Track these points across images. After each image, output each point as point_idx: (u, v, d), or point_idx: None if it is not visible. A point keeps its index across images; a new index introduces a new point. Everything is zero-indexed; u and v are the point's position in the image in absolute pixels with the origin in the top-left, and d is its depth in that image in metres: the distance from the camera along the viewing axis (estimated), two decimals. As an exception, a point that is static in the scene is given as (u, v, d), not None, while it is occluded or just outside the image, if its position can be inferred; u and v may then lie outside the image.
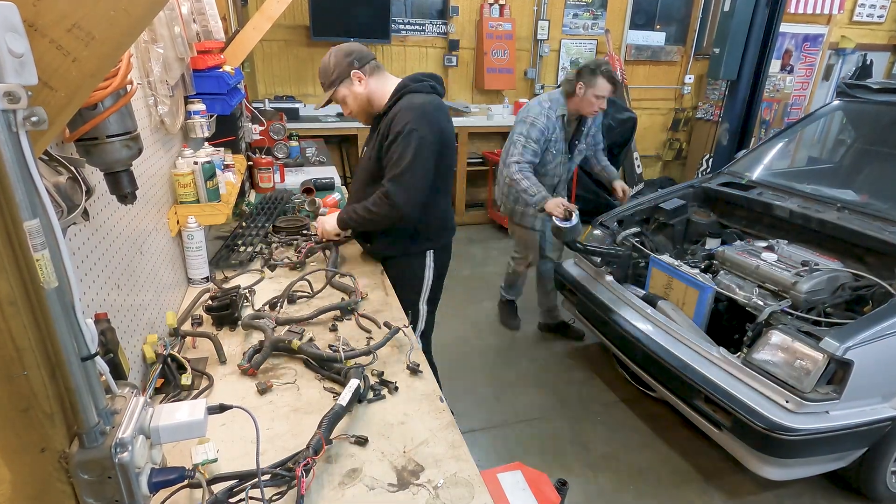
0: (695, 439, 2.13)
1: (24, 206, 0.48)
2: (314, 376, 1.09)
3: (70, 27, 0.52)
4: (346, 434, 0.91)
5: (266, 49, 4.02)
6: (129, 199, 0.81)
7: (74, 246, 0.78)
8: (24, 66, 0.48)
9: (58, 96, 0.54)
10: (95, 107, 0.68)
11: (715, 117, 5.00)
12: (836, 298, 1.87)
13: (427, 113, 1.44)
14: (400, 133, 1.41)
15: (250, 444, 0.88)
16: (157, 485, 0.61)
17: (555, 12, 4.74)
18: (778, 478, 1.71)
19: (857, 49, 5.79)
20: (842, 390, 1.56)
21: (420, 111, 1.43)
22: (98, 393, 0.56)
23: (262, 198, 2.19)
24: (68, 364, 0.53)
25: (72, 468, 0.55)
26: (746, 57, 3.96)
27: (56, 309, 0.51)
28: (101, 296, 0.87)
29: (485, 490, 0.82)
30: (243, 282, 1.48)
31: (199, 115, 1.53)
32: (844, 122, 2.97)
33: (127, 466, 0.56)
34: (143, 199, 1.13)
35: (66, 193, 0.66)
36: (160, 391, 1.00)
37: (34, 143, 0.51)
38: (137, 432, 0.58)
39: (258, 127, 2.41)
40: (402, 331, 1.22)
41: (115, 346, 0.82)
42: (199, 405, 0.66)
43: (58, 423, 0.54)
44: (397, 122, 1.43)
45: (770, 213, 2.38)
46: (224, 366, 1.11)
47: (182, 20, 1.32)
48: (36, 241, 0.49)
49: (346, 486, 0.82)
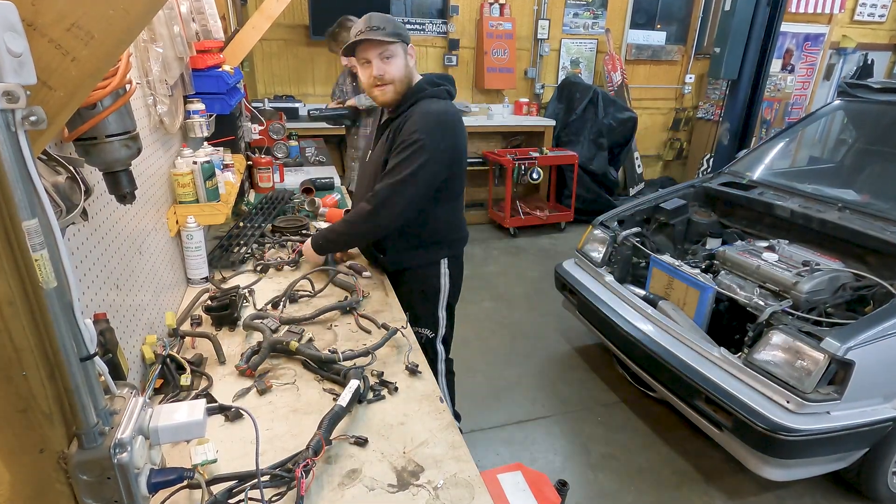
0: (695, 440, 2.13)
1: (23, 206, 0.48)
2: (313, 377, 1.09)
3: (69, 26, 0.52)
4: (346, 435, 0.91)
5: (265, 48, 4.02)
6: (129, 198, 0.81)
7: (73, 246, 0.78)
8: (23, 66, 0.48)
9: (57, 96, 0.53)
10: (94, 106, 0.68)
11: (716, 117, 4.99)
12: (838, 298, 1.87)
13: (442, 125, 1.35)
14: (407, 141, 1.33)
15: (250, 445, 0.87)
16: (157, 485, 0.61)
17: (555, 11, 4.74)
18: (779, 478, 1.71)
19: (859, 48, 5.78)
20: (843, 391, 1.55)
21: (434, 122, 1.34)
22: (97, 393, 0.56)
23: (261, 198, 2.19)
24: (67, 364, 0.53)
25: (71, 469, 0.55)
26: (747, 56, 3.96)
27: (55, 309, 0.51)
28: (101, 296, 0.87)
29: (485, 491, 0.82)
30: (243, 282, 1.48)
31: (198, 115, 1.53)
32: (845, 121, 2.97)
33: (126, 467, 0.56)
34: (142, 199, 1.13)
35: (64, 193, 0.65)
36: (159, 391, 1.00)
37: (33, 142, 0.51)
38: (136, 433, 0.58)
39: (257, 126, 2.41)
40: (400, 332, 1.22)
41: (114, 347, 0.82)
42: (198, 406, 0.65)
43: (57, 424, 0.54)
44: (408, 128, 1.34)
45: (771, 213, 2.38)
46: (223, 366, 1.11)
47: (181, 19, 1.32)
48: (35, 241, 0.49)
49: (345, 486, 0.82)
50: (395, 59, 1.36)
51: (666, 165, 5.73)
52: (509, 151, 4.44)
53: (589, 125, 4.55)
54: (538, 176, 4.27)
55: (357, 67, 1.42)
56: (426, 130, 1.33)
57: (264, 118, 2.51)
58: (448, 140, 1.36)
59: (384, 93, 1.38)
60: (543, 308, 3.17)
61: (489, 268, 3.81)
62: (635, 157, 5.25)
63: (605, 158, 4.62)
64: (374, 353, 1.12)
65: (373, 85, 1.39)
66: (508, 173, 4.25)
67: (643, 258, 2.43)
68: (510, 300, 3.30)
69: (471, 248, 4.15)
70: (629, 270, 2.48)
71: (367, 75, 1.38)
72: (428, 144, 1.32)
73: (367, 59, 1.36)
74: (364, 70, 1.39)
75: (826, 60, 5.74)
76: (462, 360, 2.64)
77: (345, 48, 1.37)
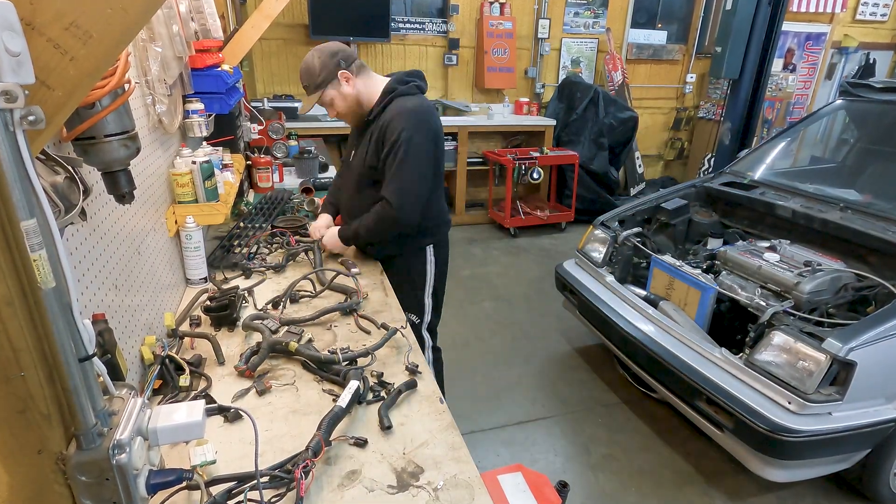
0: (696, 441, 2.12)
1: (21, 206, 0.48)
2: (313, 377, 1.09)
3: (67, 25, 0.52)
4: (346, 435, 0.90)
5: (265, 48, 4.01)
6: (127, 198, 0.80)
7: (72, 246, 0.78)
8: (22, 65, 0.47)
9: (55, 95, 0.53)
10: (93, 106, 0.68)
11: (717, 116, 4.98)
12: (839, 299, 1.86)
13: (420, 117, 1.45)
14: (396, 142, 1.42)
15: (249, 446, 0.87)
16: (156, 486, 0.61)
17: (555, 11, 4.73)
18: (780, 479, 1.71)
19: (860, 48, 5.77)
20: (845, 391, 1.55)
21: (414, 117, 1.43)
22: (96, 394, 0.56)
23: (260, 198, 2.18)
24: (66, 365, 0.52)
25: (69, 470, 0.54)
26: (748, 56, 3.95)
27: (53, 309, 0.51)
28: (99, 296, 0.87)
29: (485, 492, 0.82)
30: (243, 282, 1.48)
31: (197, 115, 1.52)
32: (847, 121, 2.96)
33: (125, 468, 0.56)
34: (140, 199, 1.13)
35: (63, 193, 0.65)
36: (158, 392, 0.99)
37: (31, 142, 0.50)
38: (135, 434, 0.58)
39: (257, 126, 2.40)
40: (399, 332, 1.22)
41: (113, 347, 0.81)
42: (197, 406, 0.65)
43: (55, 425, 0.54)
44: (392, 129, 1.43)
45: (772, 213, 2.37)
46: (223, 367, 1.11)
47: (180, 18, 1.31)
48: (33, 241, 0.48)
49: (345, 487, 0.82)
50: (334, 100, 1.50)
51: (667, 165, 5.72)
52: (509, 151, 4.44)
53: (590, 125, 4.54)
54: (538, 176, 4.27)
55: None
56: (410, 126, 1.43)
57: (263, 118, 2.51)
58: (430, 130, 1.47)
59: (347, 119, 1.58)
60: (544, 308, 3.17)
61: (489, 268, 3.80)
62: (636, 156, 5.24)
63: (606, 158, 4.61)
64: (374, 353, 1.12)
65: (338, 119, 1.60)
66: (509, 173, 4.24)
67: (644, 258, 2.43)
68: (510, 300, 3.30)
69: (471, 248, 4.16)
70: (630, 271, 2.48)
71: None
72: (415, 137, 1.43)
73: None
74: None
75: (828, 60, 5.73)
76: (462, 361, 2.65)
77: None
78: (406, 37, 4.39)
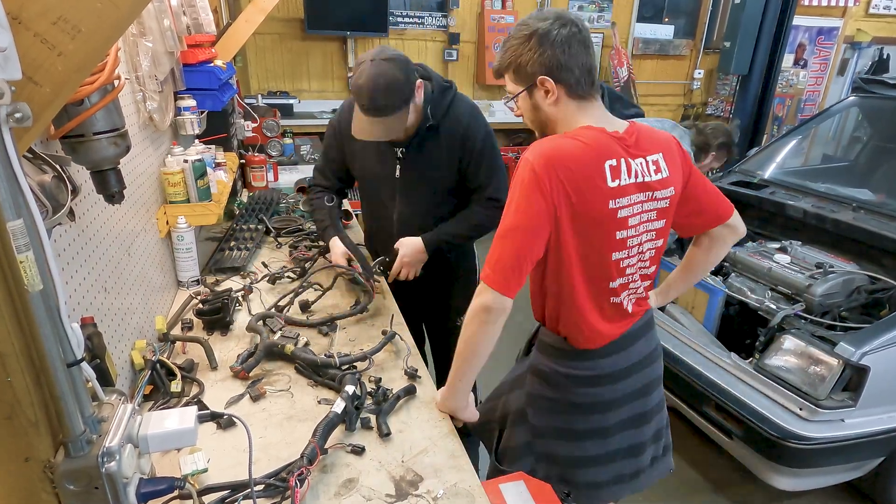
0: (704, 448, 2.08)
1: (8, 206, 0.47)
2: (308, 383, 1.07)
3: (55, 20, 0.51)
4: (343, 443, 0.89)
5: (259, 43, 3.95)
6: (117, 198, 0.79)
7: (60, 247, 0.76)
8: (8, 61, 0.47)
9: (43, 92, 0.52)
10: (82, 102, 0.66)
11: (726, 113, 4.92)
12: (852, 302, 1.82)
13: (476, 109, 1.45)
14: (484, 145, 1.40)
15: (242, 454, 0.84)
16: (146, 496, 0.60)
17: (559, 4, 4.68)
18: (790, 488, 1.68)
19: (874, 42, 5.67)
20: (857, 397, 1.52)
21: (477, 114, 1.43)
22: (84, 400, 0.55)
23: (252, 197, 2.09)
24: (53, 370, 0.52)
25: (57, 478, 0.53)
26: (758, 51, 3.88)
27: (41, 312, 0.50)
28: (88, 299, 0.85)
29: (486, 501, 0.80)
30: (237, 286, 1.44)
31: (189, 112, 1.48)
32: (860, 118, 2.91)
33: (114, 476, 0.55)
34: (130, 199, 1.11)
35: (51, 193, 0.64)
36: (149, 398, 0.97)
37: (18, 140, 0.50)
38: (125, 441, 0.57)
39: (251, 123, 2.35)
40: (398, 335, 1.20)
41: (102, 352, 0.79)
42: (189, 413, 0.64)
43: (42, 432, 0.53)
44: (472, 132, 1.38)
45: (783, 213, 2.33)
46: (215, 372, 1.08)
47: (172, 12, 1.28)
48: (20, 242, 0.48)
49: (342, 496, 0.80)
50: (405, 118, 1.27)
51: (674, 164, 5.66)
52: (511, 149, 4.40)
53: (595, 123, 4.49)
54: (543, 175, 4.23)
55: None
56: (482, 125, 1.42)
57: (258, 115, 2.47)
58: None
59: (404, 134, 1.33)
60: (549, 308, 3.14)
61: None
62: (643, 155, 5.19)
63: (612, 157, 4.57)
64: (372, 357, 1.10)
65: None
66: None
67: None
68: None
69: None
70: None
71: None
72: (489, 133, 1.43)
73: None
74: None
75: (840, 55, 5.63)
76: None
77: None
78: (405, 31, 4.34)
